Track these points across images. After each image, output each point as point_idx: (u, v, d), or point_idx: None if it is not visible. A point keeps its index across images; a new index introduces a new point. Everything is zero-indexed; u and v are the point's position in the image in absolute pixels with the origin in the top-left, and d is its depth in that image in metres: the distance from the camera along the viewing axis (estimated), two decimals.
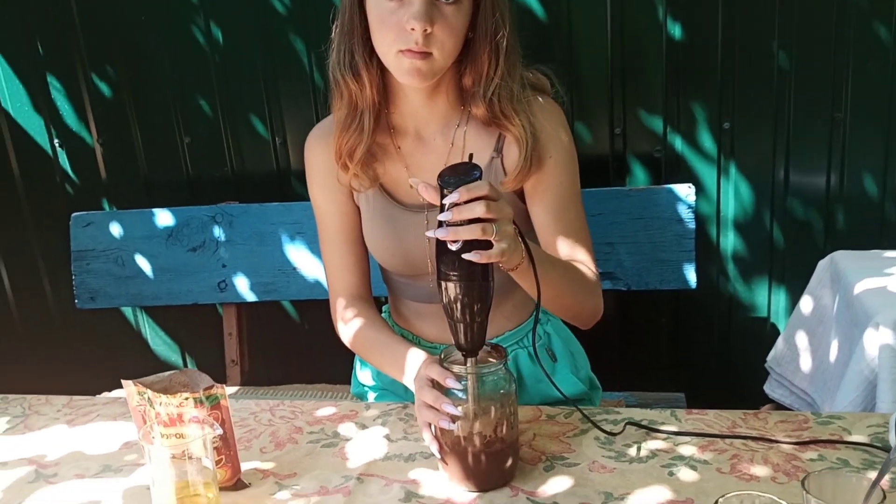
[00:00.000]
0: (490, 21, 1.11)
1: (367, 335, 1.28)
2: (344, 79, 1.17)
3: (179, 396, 0.95)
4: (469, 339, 0.95)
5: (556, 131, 1.22)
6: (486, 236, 0.89)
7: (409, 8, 1.06)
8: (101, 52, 1.95)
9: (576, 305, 1.18)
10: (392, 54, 1.11)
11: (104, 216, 1.89)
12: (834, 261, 1.59)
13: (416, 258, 1.25)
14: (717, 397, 1.94)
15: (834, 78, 1.73)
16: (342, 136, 1.21)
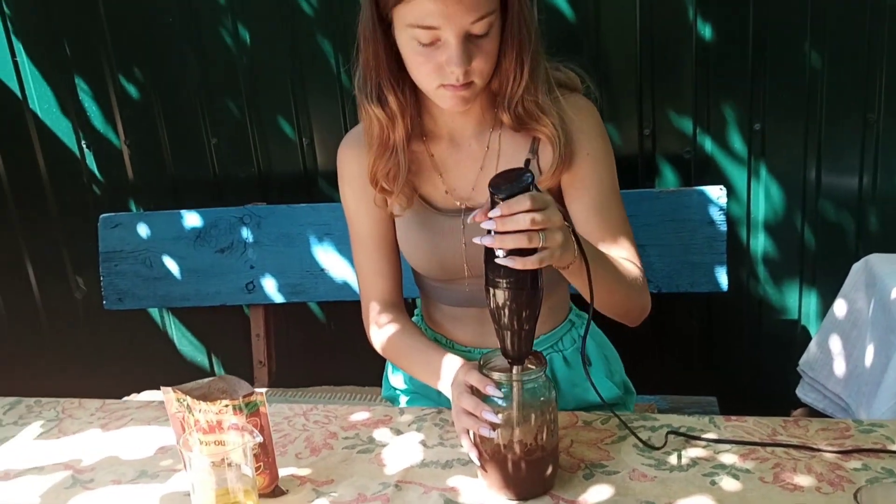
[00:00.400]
0: (516, 35, 1.10)
1: (401, 341, 1.27)
2: (374, 112, 1.15)
3: (219, 404, 0.95)
4: (516, 347, 0.94)
5: (589, 128, 1.20)
6: (532, 245, 0.89)
7: (446, 51, 1.05)
8: (128, 53, 1.95)
9: (626, 303, 1.17)
10: (432, 88, 1.11)
11: (132, 217, 1.89)
12: (869, 264, 1.57)
13: (452, 263, 1.25)
14: (748, 401, 1.94)
15: (867, 78, 1.70)
16: (376, 165, 1.20)
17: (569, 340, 1.35)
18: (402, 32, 1.08)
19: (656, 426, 1.13)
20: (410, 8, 1.04)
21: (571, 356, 1.35)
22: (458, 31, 1.04)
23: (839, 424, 1.11)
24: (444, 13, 1.02)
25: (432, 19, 1.03)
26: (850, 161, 1.76)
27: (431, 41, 1.06)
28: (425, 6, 1.02)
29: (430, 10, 1.02)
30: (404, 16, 1.05)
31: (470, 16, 1.03)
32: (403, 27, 1.07)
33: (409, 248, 1.28)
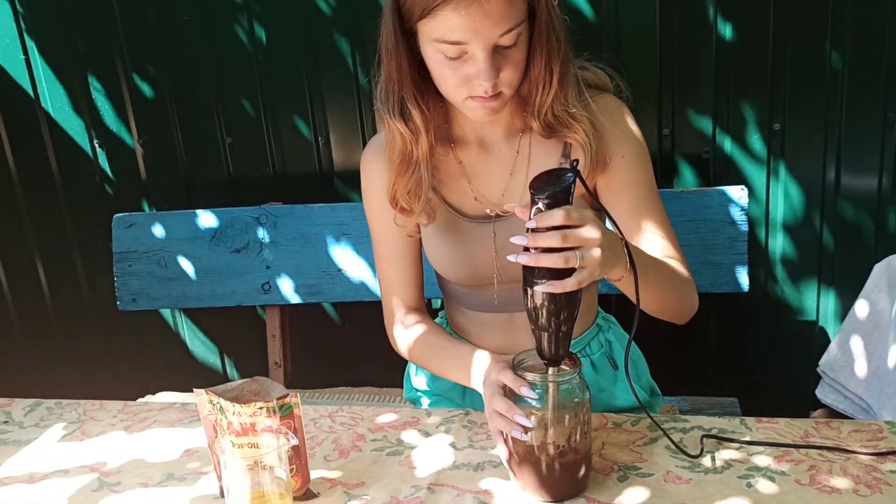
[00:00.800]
0: (544, 43, 1.07)
1: (429, 341, 1.26)
2: (396, 126, 1.13)
3: (253, 406, 0.94)
4: (553, 348, 0.93)
5: (622, 129, 1.18)
6: (569, 265, 0.87)
7: (474, 65, 1.03)
8: (142, 51, 1.94)
9: (677, 304, 1.16)
10: (460, 100, 1.09)
11: (147, 217, 1.88)
12: (891, 265, 1.56)
13: (483, 270, 1.23)
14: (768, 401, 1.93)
15: (888, 78, 1.69)
16: (397, 183, 1.18)
17: (596, 345, 1.34)
18: (428, 46, 1.05)
19: (687, 428, 1.12)
20: (436, 23, 1.01)
21: (599, 360, 1.34)
22: (485, 45, 1.02)
23: (871, 426, 1.10)
24: (471, 28, 1.00)
25: (459, 34, 1.01)
26: (869, 161, 1.75)
27: (458, 55, 1.03)
28: (452, 21, 1.00)
29: (457, 25, 1.00)
30: (430, 30, 1.03)
31: (498, 29, 1.01)
32: (429, 41, 1.04)
33: (437, 256, 1.26)
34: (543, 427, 0.95)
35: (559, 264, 0.87)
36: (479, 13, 0.99)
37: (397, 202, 1.21)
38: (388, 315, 1.32)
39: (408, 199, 1.19)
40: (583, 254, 0.88)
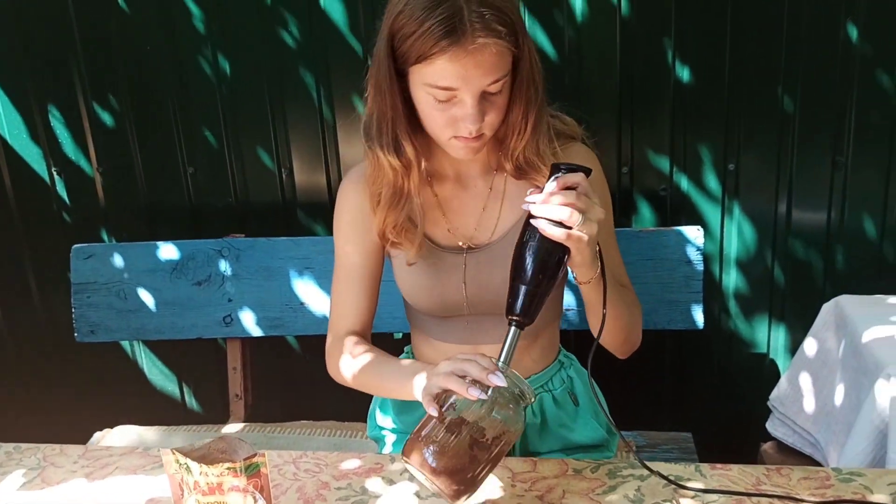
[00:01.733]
0: (524, 92, 1.13)
1: (367, 355, 1.26)
2: (388, 160, 1.17)
3: (220, 467, 0.94)
4: (526, 306, 1.02)
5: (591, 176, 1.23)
6: (571, 222, 0.98)
7: (462, 109, 1.08)
8: (103, 80, 1.92)
9: (626, 329, 1.23)
10: (444, 139, 1.14)
11: (106, 248, 1.86)
12: (839, 305, 1.62)
13: (453, 300, 1.26)
14: (722, 433, 1.99)
15: (836, 123, 1.76)
16: (389, 216, 1.21)
17: (558, 381, 1.38)
18: (419, 88, 1.10)
19: (644, 475, 1.15)
20: (431, 70, 1.06)
21: (560, 396, 1.37)
22: (474, 92, 1.07)
23: (819, 473, 1.14)
24: (462, 76, 1.05)
25: (451, 81, 1.06)
26: (819, 202, 1.82)
27: (448, 98, 1.09)
28: (446, 69, 1.05)
29: (450, 73, 1.05)
30: (423, 75, 1.08)
31: (487, 78, 1.07)
32: (421, 84, 1.09)
33: (409, 284, 1.28)
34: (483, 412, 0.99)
35: (564, 216, 0.98)
36: (472, 63, 1.05)
37: (387, 237, 1.24)
38: (333, 339, 1.33)
39: (395, 233, 1.23)
40: (584, 220, 0.99)
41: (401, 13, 1.07)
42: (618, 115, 1.80)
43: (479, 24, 1.04)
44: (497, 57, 1.06)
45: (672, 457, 1.65)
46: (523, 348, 1.32)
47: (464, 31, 1.03)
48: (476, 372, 0.99)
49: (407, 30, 1.06)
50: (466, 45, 1.03)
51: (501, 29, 1.06)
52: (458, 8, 1.04)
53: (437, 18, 1.03)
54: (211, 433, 1.79)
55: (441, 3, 1.04)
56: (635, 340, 1.27)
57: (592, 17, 1.75)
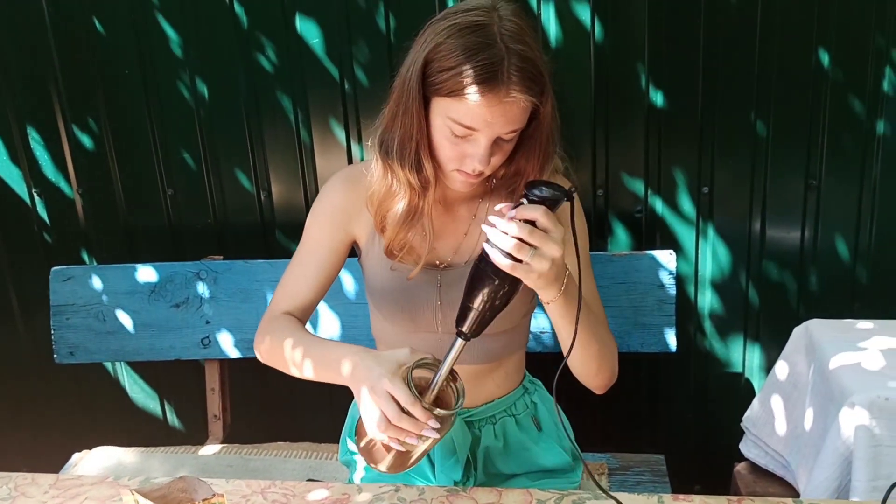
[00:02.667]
0: (543, 146, 1.18)
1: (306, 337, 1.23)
2: (408, 178, 1.19)
3: None
4: (474, 326, 1.04)
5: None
6: (519, 256, 0.98)
7: (474, 147, 1.11)
8: (82, 103, 1.93)
9: (597, 359, 1.22)
10: (448, 168, 1.17)
11: (85, 271, 1.87)
12: (809, 330, 1.64)
13: (423, 316, 1.28)
14: (694, 455, 2.00)
15: (809, 146, 1.78)
16: (401, 231, 1.23)
17: (522, 405, 1.39)
18: (439, 117, 1.12)
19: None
20: (458, 106, 1.08)
21: (523, 420, 1.39)
22: (492, 136, 1.10)
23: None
24: (486, 120, 1.08)
25: (474, 123, 1.09)
26: (792, 224, 1.84)
27: (464, 136, 1.11)
28: (473, 110, 1.07)
29: (476, 116, 1.08)
30: (447, 108, 1.10)
31: (508, 127, 1.10)
32: (443, 115, 1.11)
33: (382, 295, 1.30)
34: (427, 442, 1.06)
35: (511, 249, 0.98)
36: (499, 112, 1.08)
37: (394, 254, 1.26)
38: (269, 313, 1.32)
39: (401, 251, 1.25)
40: (534, 255, 0.98)
41: (441, 45, 1.08)
42: (592, 139, 1.82)
43: (516, 78, 1.06)
44: (523, 110, 1.10)
45: (644, 479, 1.67)
46: (486, 373, 1.34)
47: (500, 82, 1.06)
48: (411, 427, 1.02)
49: (445, 63, 1.08)
50: (500, 95, 1.06)
51: (534, 87, 1.09)
52: (500, 58, 1.06)
53: (478, 63, 1.05)
54: (188, 455, 1.80)
55: (484, 49, 1.06)
56: (608, 374, 1.26)
57: (566, 42, 1.76)
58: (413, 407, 1.01)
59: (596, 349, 1.20)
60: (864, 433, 1.36)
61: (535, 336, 1.75)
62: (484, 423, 1.36)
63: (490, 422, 1.36)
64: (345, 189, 1.30)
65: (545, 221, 0.99)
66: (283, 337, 1.24)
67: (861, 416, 1.37)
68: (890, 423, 1.36)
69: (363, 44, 1.81)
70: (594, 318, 1.22)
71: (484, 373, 1.33)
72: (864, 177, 1.78)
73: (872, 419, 1.36)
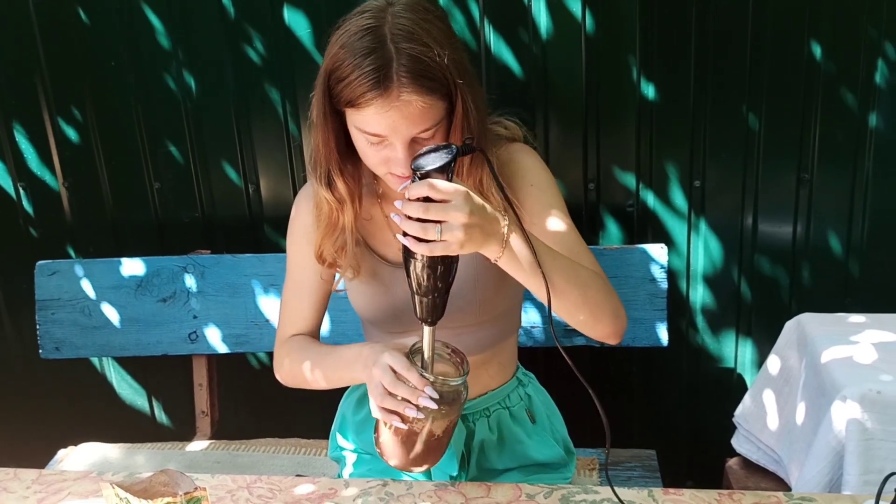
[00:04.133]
0: (459, 138, 1.13)
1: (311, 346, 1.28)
2: (322, 193, 1.18)
3: (160, 501, 0.93)
4: (427, 311, 1.02)
5: (529, 164, 1.24)
6: (428, 237, 0.93)
7: (393, 152, 1.08)
8: (67, 95, 1.91)
9: (585, 305, 1.12)
10: (381, 173, 1.15)
11: (70, 265, 1.84)
12: (801, 324, 1.63)
13: (405, 314, 1.26)
14: (687, 450, 1.99)
15: (801, 140, 1.77)
16: (324, 244, 1.23)
17: (515, 397, 1.39)
18: (353, 128, 1.11)
19: (598, 501, 1.15)
20: (360, 116, 1.06)
21: (517, 413, 1.38)
22: (404, 139, 1.07)
23: (771, 499, 1.15)
24: (391, 126, 1.05)
25: (378, 128, 1.06)
26: (784, 218, 1.83)
27: (379, 142, 1.09)
28: (373, 118, 1.05)
29: (377, 122, 1.05)
30: (353, 119, 1.08)
31: (416, 128, 1.07)
32: (352, 126, 1.10)
33: (361, 300, 1.30)
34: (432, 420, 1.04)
35: (416, 233, 0.93)
36: (398, 116, 1.05)
37: (324, 259, 1.25)
38: (278, 339, 1.35)
39: (332, 255, 1.25)
40: (443, 229, 0.93)
41: (336, 54, 1.07)
42: (583, 132, 1.80)
43: (405, 79, 1.03)
44: (424, 110, 1.06)
45: (635, 474, 1.66)
46: (481, 364, 1.33)
47: (389, 86, 1.03)
48: (407, 393, 1.02)
49: (340, 73, 1.06)
50: (391, 100, 1.04)
51: (431, 84, 1.05)
52: (388, 60, 1.03)
53: (365, 69, 1.03)
54: (175, 451, 1.79)
55: (372, 52, 1.04)
56: (611, 320, 1.16)
57: (557, 34, 1.74)
58: (409, 372, 1.02)
59: (577, 295, 1.10)
60: (856, 427, 1.35)
61: (526, 331, 1.74)
62: (478, 416, 1.35)
63: (484, 414, 1.35)
64: (307, 206, 1.29)
65: (436, 192, 0.93)
66: (298, 356, 1.27)
67: (853, 409, 1.36)
68: (881, 416, 1.35)
69: None
70: (565, 262, 1.10)
71: (478, 364, 1.32)
72: (856, 170, 1.77)
73: (864, 413, 1.35)
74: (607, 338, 1.19)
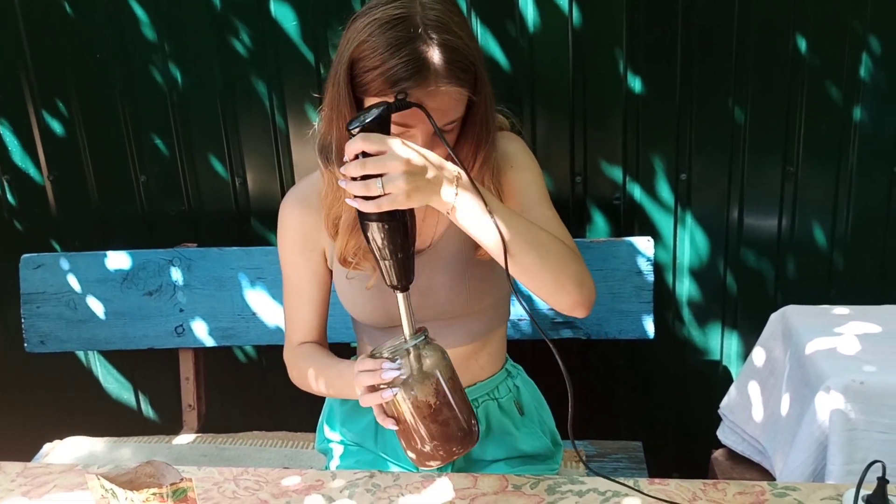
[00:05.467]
0: (475, 135, 1.14)
1: (317, 360, 1.29)
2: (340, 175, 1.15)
3: (145, 492, 0.93)
4: (395, 274, 1.01)
5: (511, 149, 1.25)
6: (370, 193, 0.94)
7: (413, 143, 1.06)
8: (52, 87, 1.90)
9: (549, 267, 1.09)
10: None
11: (55, 258, 1.83)
12: (785, 315, 1.64)
13: (396, 310, 1.26)
14: (673, 441, 2.00)
15: (787, 133, 1.78)
16: (351, 238, 1.21)
17: (504, 389, 1.39)
18: None
19: (584, 491, 1.16)
20: None
21: (506, 404, 1.38)
22: (428, 130, 1.07)
23: (755, 488, 1.15)
24: (418, 116, 1.04)
25: (406, 118, 1.05)
26: (769, 211, 1.84)
27: (401, 133, 1.07)
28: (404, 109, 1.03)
29: (407, 112, 1.03)
30: None
31: (442, 121, 1.06)
32: None
33: (352, 298, 1.29)
34: (414, 389, 1.03)
35: (361, 192, 0.94)
36: (432, 105, 1.04)
37: (348, 261, 1.24)
38: (289, 350, 1.37)
39: (357, 256, 1.23)
40: (385, 182, 0.94)
41: (364, 42, 1.05)
42: (570, 125, 1.81)
43: (442, 70, 1.04)
44: (455, 101, 1.07)
45: (621, 466, 1.67)
46: (471, 354, 1.33)
47: (426, 77, 1.03)
48: (370, 380, 1.04)
49: (369, 63, 1.04)
50: (428, 89, 1.03)
51: (464, 76, 1.06)
52: (424, 51, 1.03)
53: (401, 59, 1.02)
54: (162, 445, 1.78)
55: (406, 42, 1.03)
56: (572, 288, 1.11)
57: (545, 28, 1.75)
58: (363, 363, 1.05)
59: (536, 256, 1.07)
60: (840, 417, 1.36)
61: (513, 323, 1.74)
62: None
63: (473, 405, 1.35)
64: (300, 212, 1.28)
65: (370, 144, 0.94)
66: (303, 368, 1.29)
67: (836, 400, 1.37)
68: (865, 407, 1.37)
69: (340, 29, 1.78)
70: (523, 222, 1.08)
71: (468, 354, 1.32)
72: (840, 164, 1.79)
73: (847, 403, 1.37)
74: (573, 308, 1.15)
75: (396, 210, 0.97)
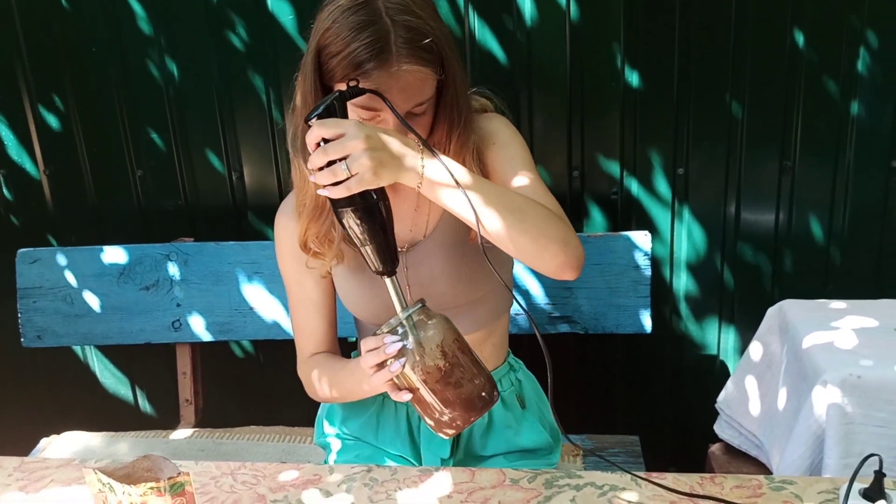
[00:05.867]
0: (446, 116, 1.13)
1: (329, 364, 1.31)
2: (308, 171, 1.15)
3: (143, 486, 0.93)
4: (379, 258, 1.02)
5: (494, 127, 1.24)
6: (337, 178, 0.95)
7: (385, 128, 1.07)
8: (48, 81, 1.89)
9: (529, 229, 1.07)
10: None
11: (52, 253, 1.83)
12: (783, 310, 1.64)
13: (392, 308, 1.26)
14: (670, 436, 2.00)
15: (784, 128, 1.78)
16: (311, 227, 1.22)
17: (507, 382, 1.40)
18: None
19: (581, 485, 1.16)
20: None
21: (508, 398, 1.39)
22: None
23: (752, 481, 1.16)
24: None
25: (373, 101, 1.05)
26: (767, 206, 1.84)
27: (371, 118, 1.08)
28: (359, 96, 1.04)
29: (373, 96, 1.04)
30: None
31: (410, 102, 1.07)
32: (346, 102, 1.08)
33: (350, 297, 1.29)
34: (420, 356, 1.03)
35: (329, 179, 0.95)
36: (396, 88, 1.05)
37: (308, 247, 1.25)
38: (301, 363, 1.37)
39: (317, 243, 1.23)
40: (349, 163, 0.94)
41: (328, 30, 1.06)
42: (567, 120, 1.81)
43: (404, 50, 1.04)
44: (421, 82, 1.07)
45: (618, 460, 1.67)
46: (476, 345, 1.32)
47: (389, 57, 1.03)
48: (375, 359, 1.04)
49: (333, 48, 1.05)
50: (391, 69, 1.04)
51: (426, 56, 1.06)
52: (385, 32, 1.04)
53: (363, 41, 1.03)
54: (159, 439, 1.78)
55: (368, 25, 1.03)
56: (556, 249, 1.09)
57: (542, 22, 1.74)
58: (366, 342, 1.06)
59: (514, 220, 1.05)
60: (837, 411, 1.37)
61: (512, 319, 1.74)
62: None
63: None
64: (294, 223, 1.28)
65: (327, 129, 0.95)
66: (317, 377, 1.30)
67: (833, 394, 1.37)
68: (861, 401, 1.37)
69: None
70: (496, 188, 1.08)
71: (473, 345, 1.29)
72: (837, 158, 1.79)
73: (844, 397, 1.37)
74: (562, 269, 1.11)
75: (368, 193, 0.98)
